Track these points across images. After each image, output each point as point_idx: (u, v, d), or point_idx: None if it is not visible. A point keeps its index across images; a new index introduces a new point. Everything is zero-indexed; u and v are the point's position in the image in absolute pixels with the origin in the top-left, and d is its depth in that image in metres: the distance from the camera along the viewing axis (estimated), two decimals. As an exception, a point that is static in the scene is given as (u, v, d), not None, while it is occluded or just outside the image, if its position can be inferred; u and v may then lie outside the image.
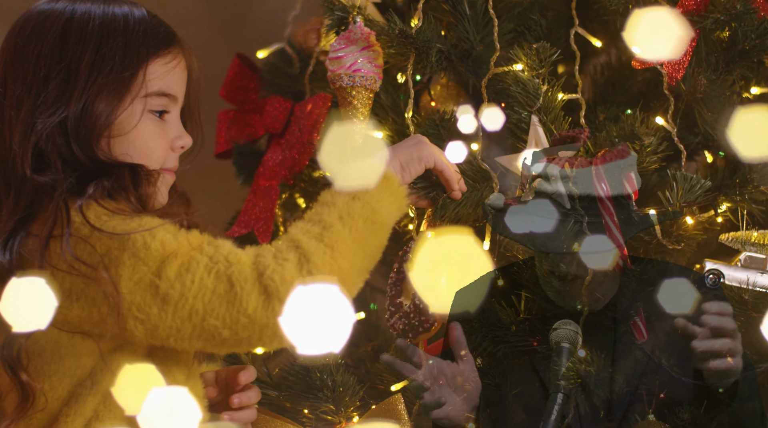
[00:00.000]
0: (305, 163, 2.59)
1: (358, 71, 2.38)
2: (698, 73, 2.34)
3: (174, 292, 1.75)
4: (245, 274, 1.74)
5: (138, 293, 1.76)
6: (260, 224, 2.64)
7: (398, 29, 2.34)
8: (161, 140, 1.93)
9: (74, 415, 1.83)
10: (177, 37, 1.97)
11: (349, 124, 2.36)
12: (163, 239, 1.77)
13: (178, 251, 1.76)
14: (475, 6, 2.41)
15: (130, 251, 1.75)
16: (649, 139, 2.24)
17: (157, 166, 1.93)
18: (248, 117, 2.79)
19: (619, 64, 2.72)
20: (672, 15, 1.57)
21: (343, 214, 1.83)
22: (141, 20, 1.93)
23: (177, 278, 1.75)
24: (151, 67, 1.91)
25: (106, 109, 1.87)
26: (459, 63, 2.43)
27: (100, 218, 1.80)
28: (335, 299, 1.48)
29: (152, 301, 1.76)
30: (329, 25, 2.47)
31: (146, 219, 1.80)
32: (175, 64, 1.94)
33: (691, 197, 2.24)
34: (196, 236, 1.81)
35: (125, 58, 1.89)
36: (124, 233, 1.77)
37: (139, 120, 1.90)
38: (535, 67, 2.29)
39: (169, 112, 1.95)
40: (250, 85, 2.83)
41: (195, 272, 1.75)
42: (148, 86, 1.90)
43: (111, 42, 1.89)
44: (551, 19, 2.55)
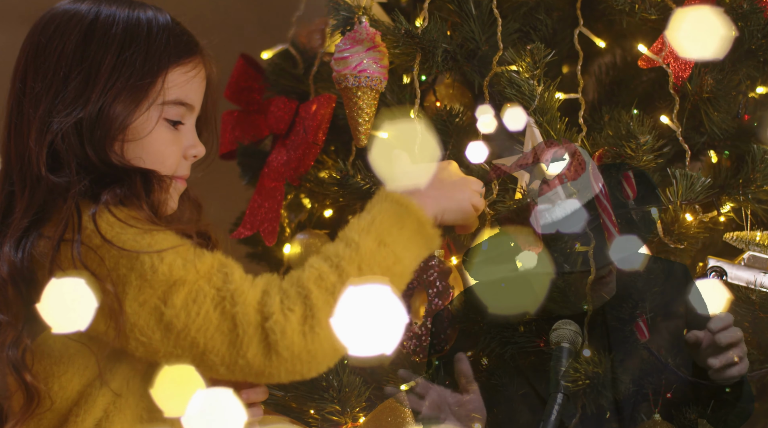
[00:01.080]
0: (310, 163, 2.59)
1: (363, 72, 2.37)
2: (705, 72, 2.34)
3: (178, 322, 1.74)
4: (249, 317, 1.73)
5: (142, 315, 1.75)
6: (266, 226, 2.63)
7: (404, 29, 2.34)
8: (174, 148, 1.94)
9: (84, 415, 1.83)
10: (199, 46, 1.97)
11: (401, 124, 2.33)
12: (172, 263, 1.76)
13: (186, 278, 1.76)
14: (480, 6, 2.40)
15: (137, 272, 1.75)
16: (644, 137, 2.24)
17: (170, 173, 1.93)
18: (253, 118, 2.78)
19: (624, 64, 2.72)
20: (715, 14, 1.57)
21: (363, 264, 1.77)
22: (164, 27, 1.93)
23: (183, 308, 1.74)
24: (170, 75, 1.91)
25: (122, 113, 1.87)
26: (464, 63, 2.43)
27: (113, 228, 1.80)
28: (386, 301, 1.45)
29: (156, 326, 1.75)
30: (334, 26, 2.47)
31: (158, 237, 1.79)
32: (195, 74, 1.95)
33: (691, 195, 2.24)
34: (207, 261, 1.79)
35: (146, 64, 1.89)
36: (134, 250, 1.76)
37: (155, 127, 1.90)
38: (530, 68, 2.28)
39: (185, 122, 1.95)
40: (255, 86, 2.82)
41: (202, 304, 1.75)
42: (166, 94, 1.91)
43: (133, 47, 1.89)
44: (557, 19, 2.55)
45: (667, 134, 2.40)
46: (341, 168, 2.43)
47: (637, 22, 2.40)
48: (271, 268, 2.79)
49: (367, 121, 2.40)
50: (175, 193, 1.96)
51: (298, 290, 1.74)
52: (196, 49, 1.96)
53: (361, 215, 1.83)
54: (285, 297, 1.74)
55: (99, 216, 1.80)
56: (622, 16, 2.38)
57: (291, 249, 2.64)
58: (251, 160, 2.80)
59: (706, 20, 1.56)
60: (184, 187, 1.98)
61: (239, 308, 1.73)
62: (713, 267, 2.23)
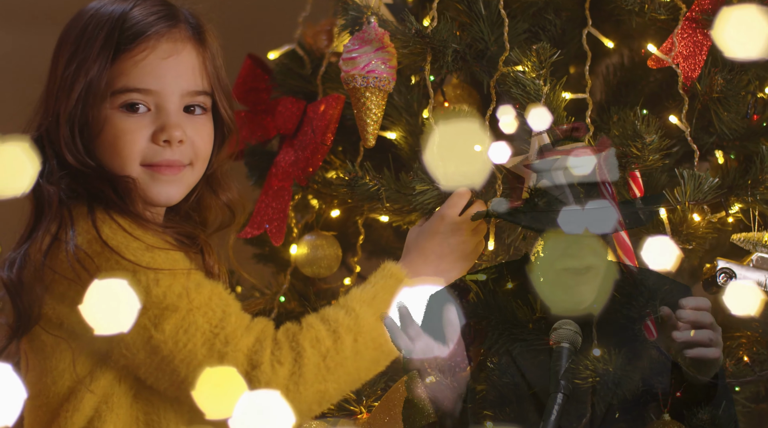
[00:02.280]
0: (318, 164, 2.58)
1: (372, 72, 2.37)
2: (715, 72, 2.34)
3: (165, 348, 1.75)
4: (238, 362, 1.75)
5: (131, 332, 1.75)
6: (273, 226, 2.63)
7: (414, 29, 2.34)
8: (132, 136, 1.91)
9: (73, 411, 1.84)
10: (156, 27, 1.94)
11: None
12: (168, 289, 1.77)
13: (178, 305, 1.76)
14: (490, 6, 2.40)
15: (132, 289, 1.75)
16: (650, 137, 2.24)
17: (134, 163, 1.90)
18: (260, 118, 2.78)
19: (632, 65, 2.71)
20: (760, 12, 1.56)
21: (359, 337, 1.85)
22: (106, 21, 1.92)
23: (171, 336, 1.75)
24: (115, 66, 1.90)
25: (79, 112, 1.89)
26: (474, 63, 2.43)
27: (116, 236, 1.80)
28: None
29: (142, 346, 1.76)
30: (343, 26, 2.46)
31: (159, 257, 1.79)
32: (145, 56, 1.92)
33: (699, 195, 2.24)
34: (204, 292, 1.80)
35: (83, 63, 1.89)
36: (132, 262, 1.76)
37: (106, 119, 1.89)
38: (536, 68, 2.28)
39: (145, 104, 1.92)
40: (262, 86, 2.82)
41: (191, 337, 1.75)
42: (113, 85, 1.90)
43: (72, 48, 1.92)
44: (565, 20, 2.55)
45: (675, 134, 2.40)
46: (350, 169, 2.43)
47: (645, 22, 2.40)
48: (278, 269, 2.79)
49: (375, 121, 2.40)
50: (162, 183, 1.93)
51: (292, 344, 1.78)
52: (151, 29, 1.93)
53: (364, 287, 1.92)
54: (277, 349, 1.76)
55: (101, 223, 1.80)
56: (632, 16, 2.38)
57: (298, 250, 2.64)
58: (258, 160, 2.79)
59: (752, 19, 1.56)
60: (173, 174, 1.94)
61: (230, 351, 1.74)
62: (722, 269, 2.23)
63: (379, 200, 2.39)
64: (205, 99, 2.00)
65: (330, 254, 2.61)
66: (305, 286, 2.75)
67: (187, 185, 1.99)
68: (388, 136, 2.60)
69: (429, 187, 2.25)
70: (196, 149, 1.98)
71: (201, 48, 2.00)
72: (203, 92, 1.99)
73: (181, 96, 1.95)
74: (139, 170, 1.92)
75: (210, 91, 2.01)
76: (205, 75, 1.99)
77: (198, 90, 1.98)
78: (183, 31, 1.97)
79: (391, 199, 2.38)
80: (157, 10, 1.97)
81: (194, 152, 1.97)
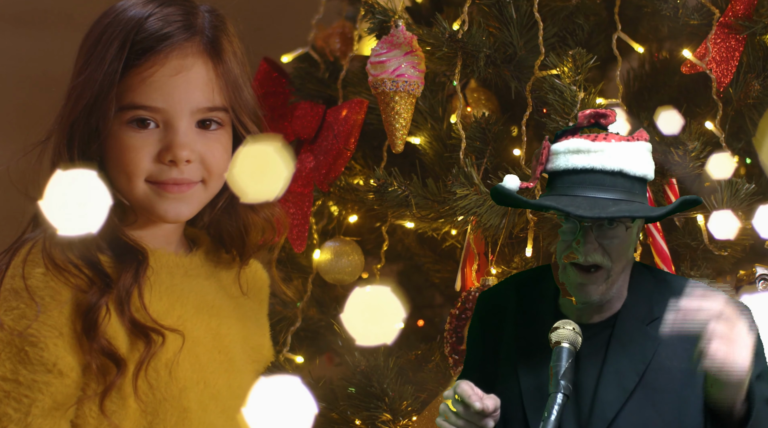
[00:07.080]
0: (341, 169, 2.54)
1: (401, 76, 2.35)
2: (751, 78, 2.33)
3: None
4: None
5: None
6: (294, 232, 2.59)
7: (448, 33, 2.31)
8: (137, 154, 1.83)
9: None
10: (167, 41, 1.86)
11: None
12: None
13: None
14: (519, 10, 2.38)
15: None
16: (693, 144, 2.23)
17: (139, 180, 1.83)
18: (277, 123, 2.74)
19: (653, 70, 2.70)
20: None
21: None
22: (122, 28, 1.85)
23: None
24: (124, 81, 1.83)
25: (83, 122, 1.84)
26: (504, 67, 2.41)
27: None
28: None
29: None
30: (370, 29, 2.44)
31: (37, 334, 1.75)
32: (152, 73, 1.84)
33: (736, 201, 2.23)
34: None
35: (96, 73, 1.84)
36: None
37: (113, 133, 1.84)
38: (573, 74, 2.27)
39: (154, 121, 1.84)
40: (279, 90, 2.77)
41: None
42: (121, 100, 1.83)
43: (83, 60, 1.87)
44: (593, 24, 2.53)
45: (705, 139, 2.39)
46: (379, 175, 2.38)
47: (679, 27, 2.39)
48: (297, 275, 2.75)
49: (404, 126, 2.37)
50: (174, 201, 1.87)
51: None
52: (162, 44, 1.84)
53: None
54: None
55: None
56: (665, 21, 2.37)
57: (321, 256, 2.60)
58: (275, 165, 2.75)
59: None
60: (180, 191, 1.85)
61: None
62: (762, 275, 2.22)
63: (408, 207, 2.36)
64: (221, 114, 1.90)
65: (354, 261, 2.58)
66: (323, 292, 2.71)
67: (198, 202, 1.90)
68: (413, 141, 2.57)
69: (469, 191, 2.22)
70: (208, 166, 1.87)
71: (215, 61, 1.89)
72: (217, 108, 1.91)
73: (192, 113, 1.86)
74: (144, 187, 1.85)
75: (226, 107, 1.91)
76: (219, 90, 1.88)
77: (210, 106, 1.89)
78: (196, 44, 1.88)
79: (419, 205, 2.35)
80: (174, 20, 1.88)
81: (206, 169, 1.87)
